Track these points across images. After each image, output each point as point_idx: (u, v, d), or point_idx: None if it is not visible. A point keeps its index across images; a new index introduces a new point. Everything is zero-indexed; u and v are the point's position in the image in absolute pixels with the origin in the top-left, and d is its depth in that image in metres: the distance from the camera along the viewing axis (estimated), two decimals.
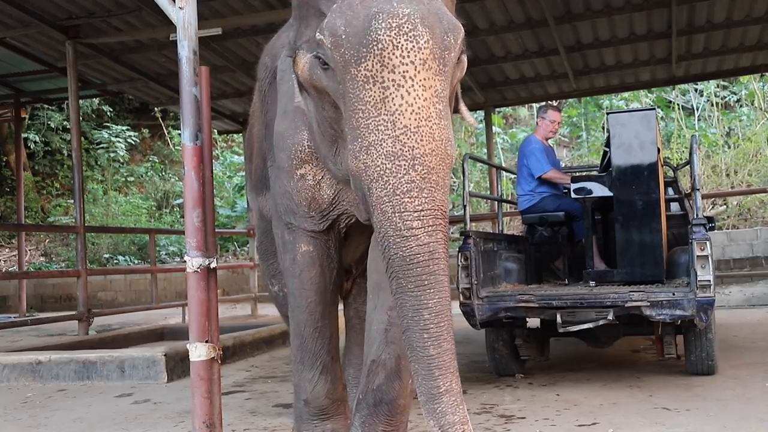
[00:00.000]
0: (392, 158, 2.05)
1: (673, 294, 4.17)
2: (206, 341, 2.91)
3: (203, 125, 2.99)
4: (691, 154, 4.60)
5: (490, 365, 5.04)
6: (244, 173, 14.12)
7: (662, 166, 5.09)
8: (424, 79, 2.08)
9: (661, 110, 13.52)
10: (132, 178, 17.21)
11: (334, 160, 2.47)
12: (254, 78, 10.04)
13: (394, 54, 2.07)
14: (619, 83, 10.04)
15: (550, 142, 6.24)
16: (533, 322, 4.91)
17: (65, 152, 16.09)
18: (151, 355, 5.48)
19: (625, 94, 13.54)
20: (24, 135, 14.38)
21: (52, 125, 16.13)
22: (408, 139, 2.05)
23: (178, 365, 5.47)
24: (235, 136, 14.89)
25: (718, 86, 14.17)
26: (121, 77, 9.17)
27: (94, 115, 16.80)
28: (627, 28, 8.10)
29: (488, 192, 10.58)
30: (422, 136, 2.06)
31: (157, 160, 17.75)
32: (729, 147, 13.23)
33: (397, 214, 2.03)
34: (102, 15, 7.29)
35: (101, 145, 16.80)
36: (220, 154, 16.40)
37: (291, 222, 2.94)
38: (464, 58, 2.32)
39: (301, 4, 2.46)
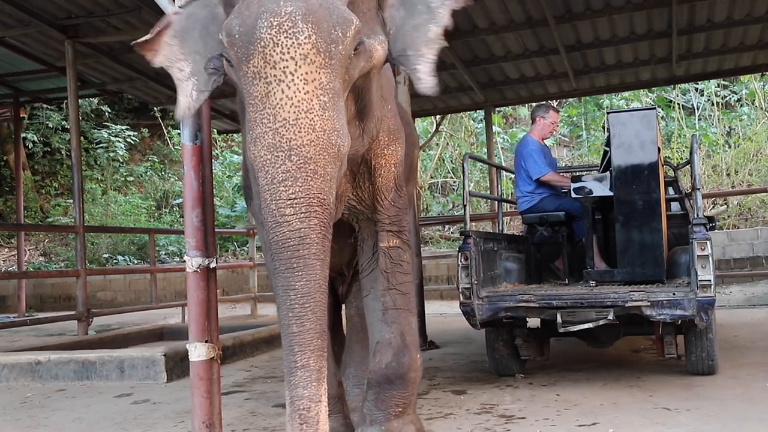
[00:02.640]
0: (272, 149, 2.18)
1: (674, 294, 4.16)
2: (206, 341, 2.90)
3: (203, 125, 2.98)
4: (691, 153, 4.59)
5: (490, 365, 5.03)
6: None
7: (663, 165, 5.08)
8: (306, 73, 2.20)
9: (662, 110, 13.51)
10: (131, 178, 17.20)
11: None
12: None
13: (274, 51, 2.19)
14: (619, 83, 10.03)
15: (547, 141, 6.22)
16: (533, 322, 4.90)
17: (64, 152, 16.09)
18: (151, 355, 5.48)
19: (626, 94, 13.54)
20: (23, 134, 14.36)
21: (51, 125, 16.12)
22: (286, 131, 2.17)
23: (178, 365, 5.46)
24: (234, 135, 14.86)
25: (718, 86, 14.16)
26: (121, 77, 9.16)
27: (93, 115, 16.79)
28: (627, 27, 8.09)
29: (488, 192, 10.57)
30: (301, 127, 2.17)
31: (156, 160, 17.74)
32: (729, 146, 13.22)
33: (273, 202, 2.16)
34: (101, 14, 7.29)
35: (100, 145, 16.79)
36: (220, 154, 16.39)
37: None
38: (369, 47, 2.42)
39: (226, 4, 2.58)
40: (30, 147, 15.91)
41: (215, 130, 11.91)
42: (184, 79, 2.61)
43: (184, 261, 2.94)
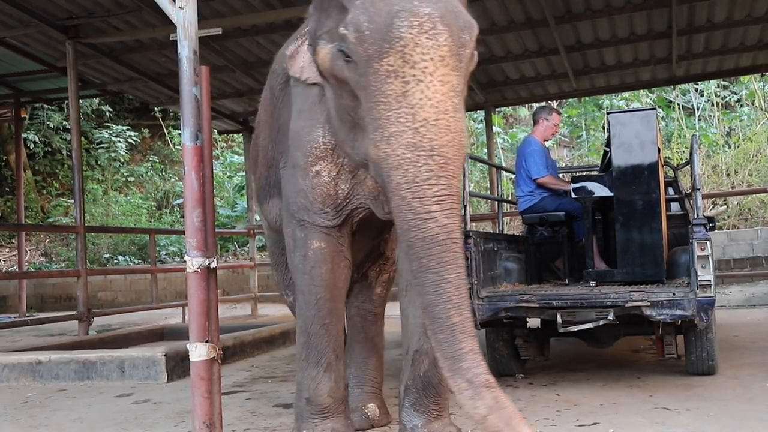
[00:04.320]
0: (412, 149, 2.20)
1: (674, 294, 4.17)
2: (206, 341, 2.91)
3: (203, 125, 2.99)
4: (691, 153, 4.60)
5: (490, 365, 4.93)
6: (243, 173, 14.11)
7: (663, 166, 5.09)
8: (443, 75, 2.23)
9: (662, 110, 13.51)
10: (132, 178, 17.20)
11: (352, 144, 2.61)
12: (254, 78, 10.03)
13: (415, 51, 2.21)
14: (619, 83, 10.04)
15: (548, 143, 6.23)
16: (533, 322, 4.90)
17: (65, 152, 16.08)
18: (151, 355, 5.48)
19: (626, 94, 13.54)
20: (24, 135, 14.37)
21: (52, 125, 16.12)
22: (427, 131, 2.20)
23: (178, 365, 5.46)
24: (235, 136, 14.88)
25: (718, 86, 14.16)
26: (121, 77, 9.17)
27: (94, 115, 16.80)
28: (627, 27, 8.10)
29: (488, 192, 10.57)
30: (440, 128, 2.21)
31: (157, 160, 17.75)
32: (729, 147, 13.22)
33: (416, 200, 2.18)
34: (102, 15, 7.29)
35: (101, 145, 16.80)
36: (220, 154, 16.39)
37: (304, 219, 3.01)
38: (475, 54, 2.49)
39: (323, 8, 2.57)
40: (31, 147, 15.91)
41: (216, 131, 11.92)
42: None
43: (185, 261, 2.95)
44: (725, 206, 12.03)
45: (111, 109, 16.89)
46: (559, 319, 4.35)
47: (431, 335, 2.19)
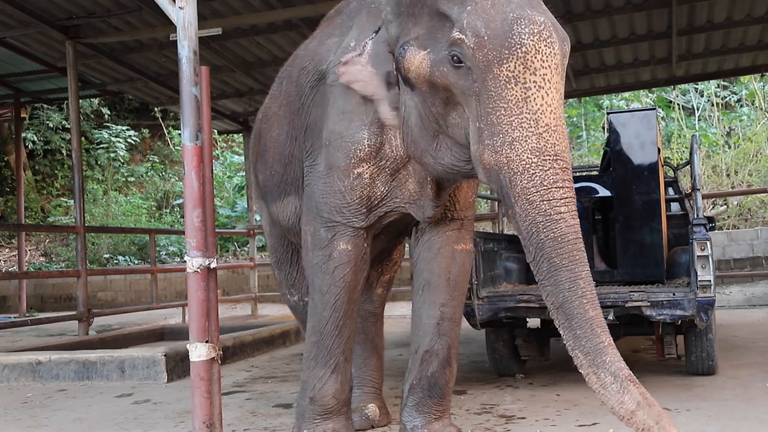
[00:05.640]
0: (537, 153, 2.27)
1: (674, 294, 4.17)
2: (206, 341, 2.91)
3: (203, 125, 2.98)
4: (691, 154, 4.60)
5: (490, 365, 5.03)
6: (244, 173, 14.10)
7: (662, 166, 5.09)
8: (556, 83, 2.34)
9: (662, 110, 13.51)
10: (132, 178, 17.19)
11: (435, 153, 2.62)
12: (254, 78, 9.96)
13: (536, 58, 2.28)
14: (619, 83, 10.05)
15: None
16: (533, 322, 4.90)
17: (65, 152, 16.08)
18: (151, 355, 5.48)
19: (626, 94, 13.54)
20: (24, 135, 14.37)
21: (52, 125, 16.12)
22: (550, 136, 2.29)
23: (178, 365, 5.46)
24: (235, 136, 14.88)
25: (718, 86, 14.15)
26: (121, 77, 9.17)
27: (93, 115, 16.79)
28: (627, 28, 8.10)
29: (488, 192, 10.56)
30: (560, 134, 2.32)
31: (157, 160, 17.74)
32: (729, 147, 13.21)
33: (545, 202, 2.25)
34: (102, 15, 7.30)
35: (101, 145, 16.79)
36: (220, 154, 16.39)
37: (336, 220, 3.00)
38: None
39: (413, 2, 2.57)
40: (30, 147, 15.91)
41: (216, 131, 11.92)
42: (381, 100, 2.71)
43: (185, 261, 2.95)
44: (725, 206, 12.03)
45: (110, 110, 16.87)
46: None
47: (566, 332, 2.25)
